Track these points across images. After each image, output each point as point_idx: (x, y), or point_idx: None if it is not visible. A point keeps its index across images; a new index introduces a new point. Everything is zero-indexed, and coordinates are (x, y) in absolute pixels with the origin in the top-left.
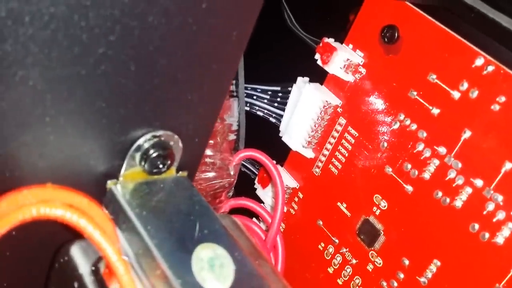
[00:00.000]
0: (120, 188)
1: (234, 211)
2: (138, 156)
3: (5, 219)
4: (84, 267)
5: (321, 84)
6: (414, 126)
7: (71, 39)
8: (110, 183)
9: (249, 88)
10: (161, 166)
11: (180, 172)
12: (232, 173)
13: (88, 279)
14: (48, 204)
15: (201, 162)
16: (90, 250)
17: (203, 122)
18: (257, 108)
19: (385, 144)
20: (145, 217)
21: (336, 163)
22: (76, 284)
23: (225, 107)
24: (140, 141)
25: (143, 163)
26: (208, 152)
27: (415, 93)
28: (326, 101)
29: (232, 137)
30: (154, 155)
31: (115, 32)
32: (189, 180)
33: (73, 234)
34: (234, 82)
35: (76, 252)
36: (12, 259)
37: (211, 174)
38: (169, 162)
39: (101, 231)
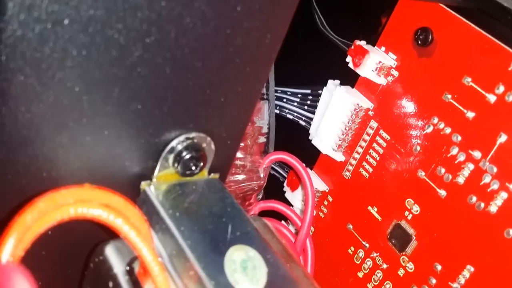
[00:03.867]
0: (153, 189)
1: (264, 213)
2: (171, 157)
3: (44, 219)
4: (118, 266)
5: (352, 87)
6: (448, 130)
7: (109, 41)
8: (144, 184)
9: (279, 91)
10: (193, 168)
11: (212, 174)
12: (262, 175)
13: (123, 278)
14: (86, 204)
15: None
16: (125, 250)
17: (235, 125)
18: (287, 111)
19: (418, 148)
20: (178, 218)
21: (367, 166)
22: (110, 284)
23: (256, 109)
24: (174, 143)
25: (176, 164)
26: (239, 154)
27: (449, 96)
28: (357, 104)
29: (262, 139)
30: (187, 157)
31: (152, 35)
32: (220, 182)
33: (108, 234)
34: (264, 84)
35: (111, 252)
36: (48, 258)
37: (241, 177)
38: (201, 164)
39: (136, 231)
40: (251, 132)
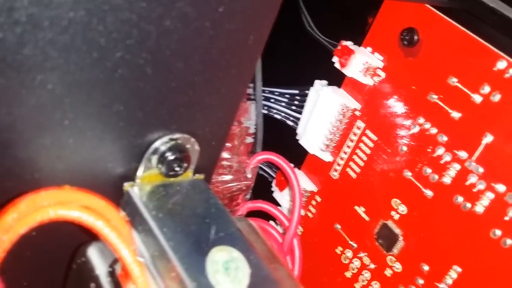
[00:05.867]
0: (137, 190)
1: (252, 213)
2: (155, 158)
3: (24, 220)
4: (100, 268)
5: (339, 87)
6: (434, 130)
7: (90, 43)
8: (127, 185)
9: (266, 91)
10: (177, 169)
11: (197, 175)
12: (249, 176)
13: (105, 280)
14: (66, 206)
15: (218, 165)
16: (107, 251)
17: (220, 126)
18: (274, 111)
19: (404, 148)
20: (161, 219)
21: (354, 166)
22: (93, 285)
23: (242, 110)
24: (157, 144)
25: (160, 165)
26: (225, 155)
27: (435, 96)
28: (344, 105)
29: (249, 140)
30: (171, 158)
31: (133, 36)
32: (205, 183)
33: (91, 236)
34: (251, 85)
35: (93, 253)
36: (32, 259)
37: (228, 177)
38: (185, 165)
39: (117, 233)
40: (238, 132)
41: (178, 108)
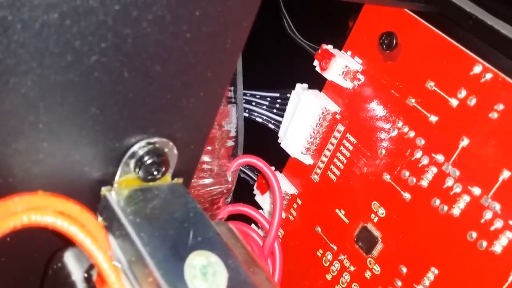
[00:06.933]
0: (114, 195)
1: (233, 217)
2: (132, 163)
3: None
4: (76, 274)
5: (320, 91)
6: (412, 134)
7: (64, 46)
8: (104, 190)
9: (248, 95)
10: (155, 173)
11: (176, 179)
12: (230, 179)
13: (81, 286)
14: (39, 212)
15: (197, 168)
16: (83, 257)
17: (198, 129)
18: (256, 114)
19: (383, 151)
20: (138, 224)
21: (335, 170)
22: None
23: (223, 113)
24: (135, 148)
25: (137, 170)
26: (206, 158)
27: (413, 100)
28: (325, 108)
29: (230, 143)
30: (149, 162)
31: (108, 39)
32: (184, 187)
33: (67, 242)
34: (232, 88)
35: (69, 258)
36: (7, 265)
37: (208, 181)
38: (163, 169)
39: (92, 238)
40: (219, 135)
41: (155, 112)
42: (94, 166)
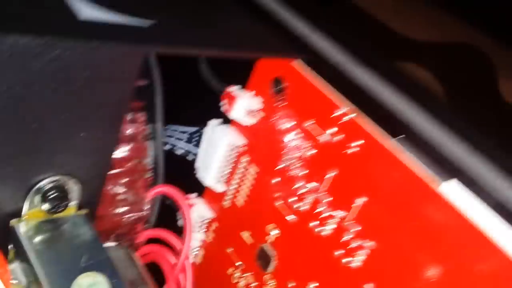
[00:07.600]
0: (22, 226)
1: (154, 240)
2: (38, 198)
3: None
4: None
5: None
6: (295, 166)
7: None
8: (13, 222)
9: (170, 129)
10: (58, 206)
11: (80, 210)
12: (146, 207)
13: None
14: None
15: (113, 199)
16: None
17: (97, 167)
18: (177, 147)
19: (276, 180)
20: (39, 250)
21: (240, 196)
22: None
23: (141, 149)
24: (41, 184)
25: (42, 204)
26: (121, 189)
27: (296, 136)
28: (231, 142)
29: (148, 174)
30: (52, 197)
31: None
32: (86, 217)
33: None
34: (151, 125)
35: None
36: None
37: (124, 209)
38: (66, 202)
39: None
40: (136, 168)
41: (56, 154)
42: (5, 202)
